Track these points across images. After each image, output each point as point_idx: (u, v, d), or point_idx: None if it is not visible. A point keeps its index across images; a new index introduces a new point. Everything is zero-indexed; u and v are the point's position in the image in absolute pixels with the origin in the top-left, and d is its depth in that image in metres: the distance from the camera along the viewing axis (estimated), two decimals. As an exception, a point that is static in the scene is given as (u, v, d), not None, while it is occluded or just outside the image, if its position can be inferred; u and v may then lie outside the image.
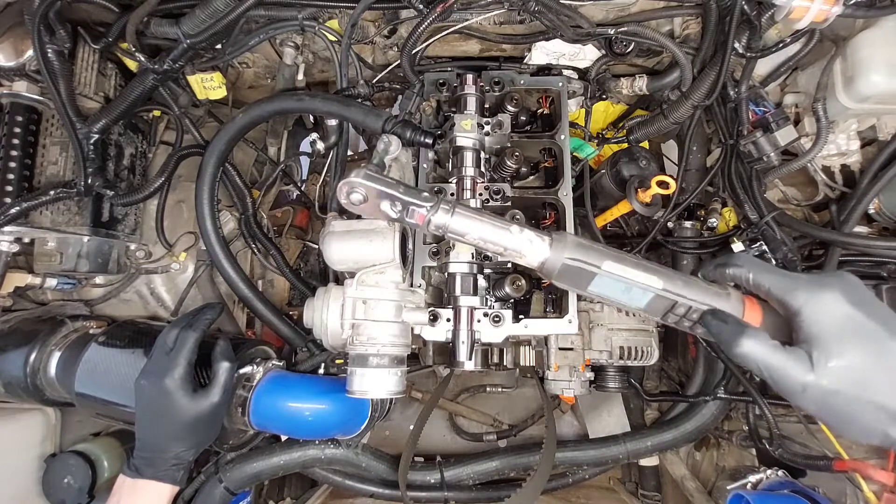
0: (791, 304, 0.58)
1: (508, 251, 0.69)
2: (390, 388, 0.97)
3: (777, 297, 0.61)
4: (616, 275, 0.65)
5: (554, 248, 0.66)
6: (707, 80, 1.15)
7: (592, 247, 0.67)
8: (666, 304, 0.65)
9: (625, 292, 0.66)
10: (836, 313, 0.56)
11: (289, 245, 1.56)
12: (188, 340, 0.94)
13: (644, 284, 0.65)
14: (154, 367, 0.93)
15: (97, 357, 1.09)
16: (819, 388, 0.54)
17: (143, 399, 0.93)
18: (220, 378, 0.95)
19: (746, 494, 1.19)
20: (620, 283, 0.65)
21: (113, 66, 1.25)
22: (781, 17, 0.98)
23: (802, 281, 0.59)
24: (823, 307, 0.56)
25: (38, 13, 1.01)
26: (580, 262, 0.65)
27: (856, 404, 0.54)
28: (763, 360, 0.57)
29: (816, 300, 0.57)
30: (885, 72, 1.01)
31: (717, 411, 1.36)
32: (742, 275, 0.64)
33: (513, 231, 0.68)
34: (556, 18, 1.11)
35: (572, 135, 1.25)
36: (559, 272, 0.66)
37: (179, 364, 0.91)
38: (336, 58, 1.19)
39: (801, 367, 0.55)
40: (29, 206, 1.09)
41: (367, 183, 0.74)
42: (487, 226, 0.70)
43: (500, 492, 1.41)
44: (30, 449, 1.25)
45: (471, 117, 1.08)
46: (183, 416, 0.91)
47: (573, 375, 1.20)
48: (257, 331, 1.50)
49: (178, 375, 0.91)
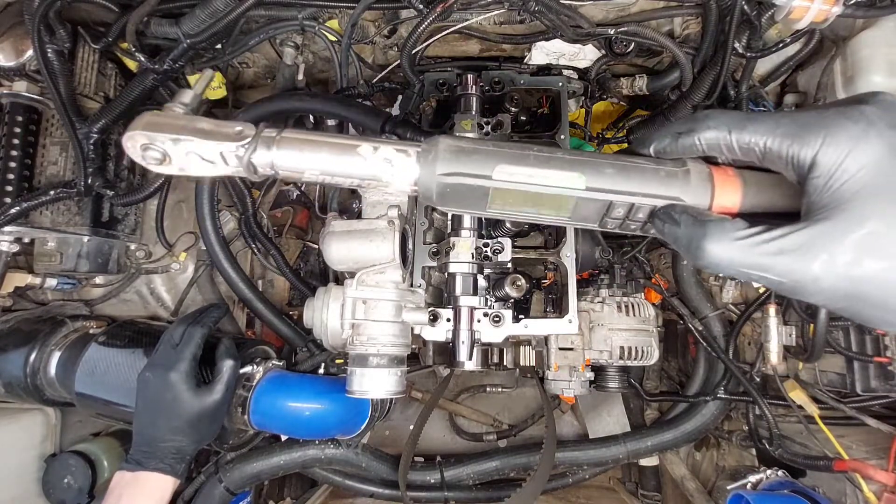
0: (800, 156, 0.39)
1: (367, 181, 0.51)
2: (390, 388, 0.97)
3: (778, 152, 0.41)
4: (517, 182, 0.47)
5: (423, 162, 0.49)
6: (707, 80, 1.15)
7: (477, 148, 0.49)
8: (597, 207, 0.48)
9: (536, 203, 0.49)
10: (875, 154, 0.36)
11: (289, 245, 1.57)
12: (195, 336, 0.95)
13: (559, 187, 0.47)
14: (160, 360, 0.94)
15: (97, 357, 1.09)
16: (846, 277, 0.37)
17: (147, 391, 0.93)
18: (223, 375, 0.96)
19: (746, 494, 1.19)
20: (527, 192, 0.48)
21: (113, 66, 1.25)
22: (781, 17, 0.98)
23: (815, 116, 0.40)
24: (856, 147, 0.37)
25: (38, 13, 1.01)
26: (462, 176, 0.47)
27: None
28: (743, 265, 0.40)
29: (842, 138, 0.37)
30: (885, 72, 1.01)
31: (717, 411, 1.36)
32: (720, 141, 0.44)
33: (362, 152, 0.50)
34: (556, 18, 1.11)
35: (572, 135, 1.24)
36: (438, 193, 0.49)
37: (185, 359, 0.92)
38: (336, 58, 1.19)
39: (806, 257, 0.38)
40: (29, 206, 1.09)
41: (149, 133, 0.53)
42: (327, 152, 0.51)
43: (500, 492, 1.41)
44: (30, 449, 1.25)
45: (471, 117, 1.08)
46: (186, 411, 0.91)
47: (573, 375, 1.20)
48: (257, 331, 1.50)
49: (184, 370, 0.92)
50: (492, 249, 1.02)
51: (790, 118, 0.41)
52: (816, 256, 0.37)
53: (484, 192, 0.48)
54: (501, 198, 0.48)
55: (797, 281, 0.39)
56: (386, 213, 1.03)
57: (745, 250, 0.40)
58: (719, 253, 0.40)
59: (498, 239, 1.04)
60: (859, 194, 0.36)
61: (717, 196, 0.45)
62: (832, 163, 0.37)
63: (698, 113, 0.47)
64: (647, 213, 0.48)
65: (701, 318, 1.37)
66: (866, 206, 0.36)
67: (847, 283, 0.37)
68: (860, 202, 0.36)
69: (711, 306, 1.37)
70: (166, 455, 0.91)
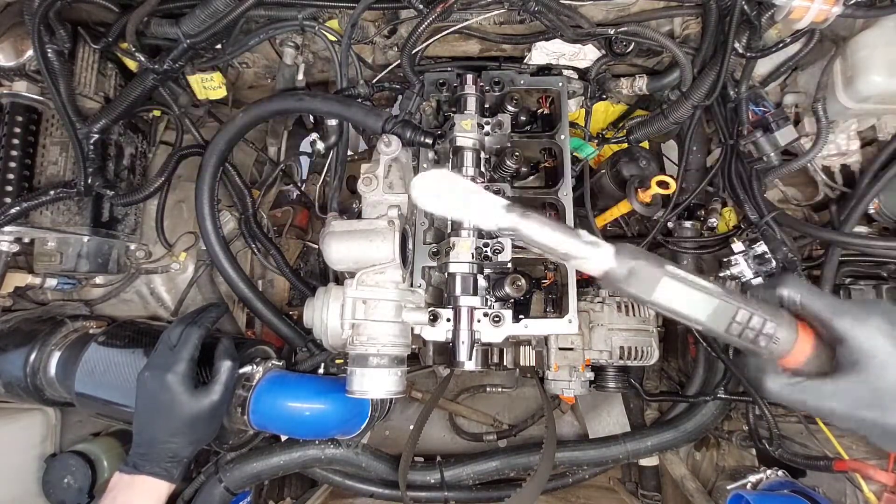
0: (837, 328, 0.59)
1: (572, 257, 0.66)
2: (390, 388, 0.97)
3: (825, 320, 0.61)
4: (680, 276, 0.63)
5: (618, 254, 0.64)
6: (707, 80, 1.15)
7: (649, 254, 0.65)
8: (729, 313, 0.62)
9: (688, 298, 0.63)
10: (881, 336, 0.57)
11: (289, 245, 1.56)
12: (192, 337, 0.94)
13: (707, 287, 0.62)
14: (157, 361, 0.93)
15: (97, 357, 1.09)
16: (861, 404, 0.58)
17: (145, 392, 0.93)
18: (221, 376, 0.95)
19: (746, 494, 1.19)
20: (685, 287, 0.62)
21: (113, 66, 1.25)
22: (781, 17, 0.98)
23: (849, 305, 0.61)
24: (871, 330, 0.58)
25: (38, 13, 1.01)
26: (645, 264, 0.63)
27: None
28: (789, 398, 0.61)
29: (863, 324, 0.58)
30: (885, 72, 1.01)
31: (717, 411, 1.36)
32: (792, 296, 0.63)
33: (581, 235, 0.65)
34: (556, 18, 1.11)
35: (572, 135, 1.24)
36: (626, 277, 0.64)
37: (182, 360, 0.92)
38: (336, 58, 1.19)
39: (829, 395, 0.59)
40: (29, 206, 1.09)
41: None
42: (556, 232, 0.66)
43: (500, 492, 1.41)
44: (30, 449, 1.25)
45: (471, 117, 1.08)
46: (183, 412, 0.91)
47: (573, 375, 1.20)
48: (257, 331, 1.50)
49: (181, 371, 0.91)
50: (492, 249, 1.02)
51: (839, 303, 0.61)
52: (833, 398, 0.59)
53: (656, 280, 0.63)
54: (666, 286, 0.63)
55: (821, 412, 0.60)
56: (386, 213, 1.03)
57: (787, 389, 0.61)
58: (771, 387, 0.62)
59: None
60: (878, 355, 0.57)
61: (799, 337, 0.62)
62: (858, 335, 0.58)
63: (783, 275, 0.72)
64: (759, 324, 0.62)
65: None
66: (878, 363, 0.57)
67: (854, 421, 0.58)
68: (877, 361, 0.57)
69: (711, 306, 1.36)
70: (162, 458, 0.91)
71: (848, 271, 1.17)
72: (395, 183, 1.06)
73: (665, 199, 1.27)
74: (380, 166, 1.06)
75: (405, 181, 1.08)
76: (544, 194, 1.14)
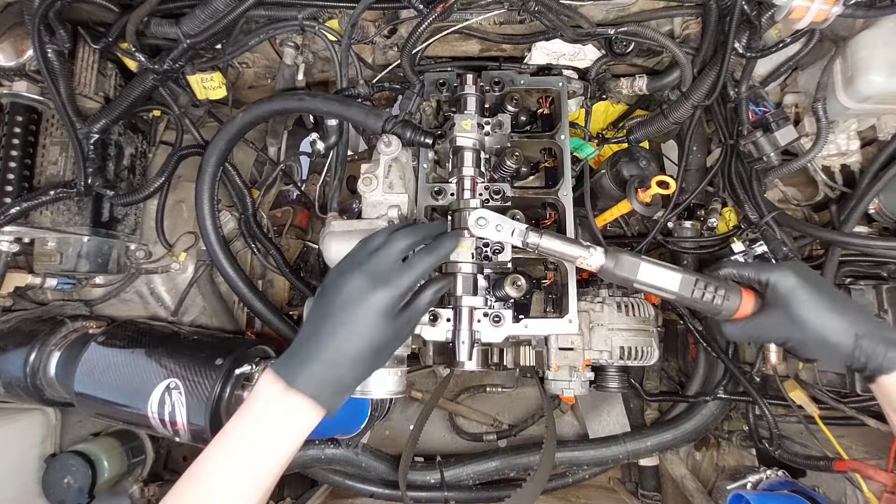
0: (762, 279, 0.85)
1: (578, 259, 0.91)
2: (390, 388, 0.97)
3: (753, 277, 0.87)
4: (653, 261, 0.88)
5: (608, 252, 0.89)
6: (707, 80, 1.15)
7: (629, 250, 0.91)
8: (692, 283, 0.86)
9: (661, 275, 0.87)
10: (791, 278, 0.83)
11: (289, 245, 1.56)
12: (424, 264, 0.79)
13: (673, 267, 0.88)
14: (372, 268, 0.77)
15: (97, 357, 1.09)
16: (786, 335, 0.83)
17: (341, 299, 0.76)
18: (420, 306, 0.80)
19: (746, 494, 1.19)
20: (658, 268, 0.87)
21: (113, 66, 1.25)
22: (781, 17, 0.98)
23: (768, 265, 0.89)
24: (784, 278, 0.83)
25: (38, 13, 1.01)
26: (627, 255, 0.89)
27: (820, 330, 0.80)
28: (743, 336, 0.90)
29: (778, 273, 0.84)
30: (885, 72, 1.01)
31: (717, 411, 1.36)
32: (730, 271, 0.90)
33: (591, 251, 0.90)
34: (556, 18, 1.11)
35: (572, 135, 1.24)
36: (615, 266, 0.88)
37: (404, 284, 0.77)
38: (336, 58, 1.19)
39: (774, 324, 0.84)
40: (29, 206, 1.09)
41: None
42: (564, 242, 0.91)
43: (500, 492, 1.41)
44: (30, 449, 1.25)
45: (471, 117, 1.08)
46: (380, 337, 0.75)
47: (573, 375, 1.20)
48: (257, 330, 1.50)
49: (398, 294, 0.76)
50: (492, 249, 1.02)
51: (761, 266, 0.87)
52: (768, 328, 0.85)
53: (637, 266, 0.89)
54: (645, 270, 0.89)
55: (763, 339, 1.00)
56: (386, 213, 1.03)
57: (739, 330, 0.88)
58: (729, 331, 0.88)
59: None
60: (791, 292, 0.82)
61: (744, 298, 0.86)
62: (776, 282, 0.84)
63: (721, 261, 0.94)
64: (714, 287, 0.87)
65: (701, 319, 1.37)
66: (796, 297, 0.82)
67: (783, 340, 0.84)
68: (793, 295, 0.82)
69: (711, 306, 1.37)
70: (326, 382, 0.73)
71: (848, 271, 1.17)
72: (395, 183, 1.06)
73: (665, 199, 1.27)
74: (380, 166, 1.06)
75: (405, 181, 1.08)
76: (544, 194, 1.14)
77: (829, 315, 0.80)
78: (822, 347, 0.81)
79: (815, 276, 0.85)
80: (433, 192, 1.09)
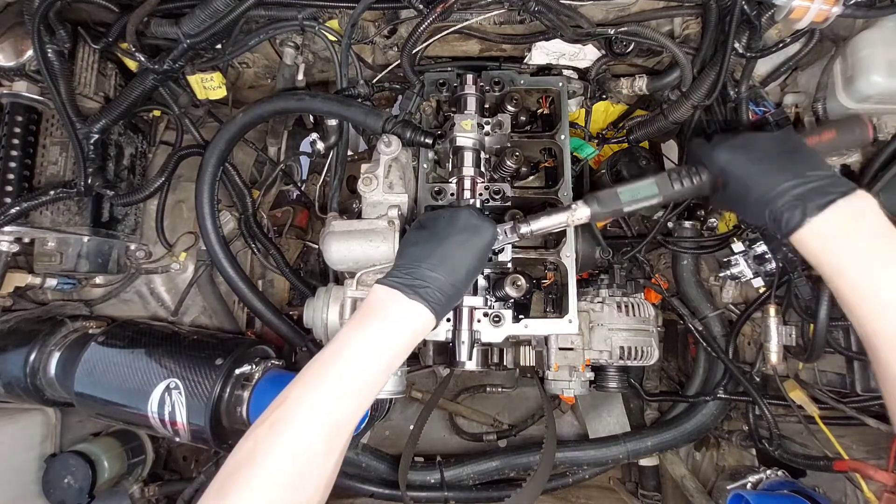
0: (712, 160, 0.93)
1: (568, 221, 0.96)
2: (390, 388, 0.97)
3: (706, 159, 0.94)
4: (626, 184, 0.95)
5: (585, 200, 0.95)
6: (707, 80, 1.15)
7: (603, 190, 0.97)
8: (667, 180, 0.93)
9: (641, 191, 0.94)
10: (725, 154, 0.91)
11: (289, 245, 1.56)
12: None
13: (644, 178, 0.95)
14: (475, 211, 0.95)
15: (97, 357, 1.09)
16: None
17: (460, 225, 0.89)
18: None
19: (746, 494, 1.19)
20: (635, 186, 0.94)
21: (113, 66, 1.25)
22: (781, 17, 0.98)
23: (708, 146, 0.95)
24: (725, 155, 0.91)
25: (38, 13, 1.01)
26: (603, 192, 0.95)
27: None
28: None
29: (717, 151, 0.92)
30: (885, 72, 1.01)
31: (717, 411, 1.36)
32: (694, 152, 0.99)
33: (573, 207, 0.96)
34: (556, 18, 1.11)
35: (572, 135, 1.24)
36: (601, 206, 0.94)
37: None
38: (336, 58, 1.19)
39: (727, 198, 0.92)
40: (29, 206, 1.09)
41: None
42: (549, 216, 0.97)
43: (500, 492, 1.41)
44: (30, 449, 1.25)
45: (471, 117, 1.08)
46: (480, 262, 0.90)
47: (573, 375, 1.20)
48: (257, 330, 1.50)
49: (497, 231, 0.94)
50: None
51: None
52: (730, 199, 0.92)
53: (617, 196, 0.95)
54: (626, 194, 0.95)
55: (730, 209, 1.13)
56: (386, 213, 1.03)
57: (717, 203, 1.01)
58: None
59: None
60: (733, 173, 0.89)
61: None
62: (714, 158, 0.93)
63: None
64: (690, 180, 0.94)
65: (701, 318, 1.37)
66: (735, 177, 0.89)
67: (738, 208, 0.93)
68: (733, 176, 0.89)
69: (711, 306, 1.37)
70: (433, 291, 0.82)
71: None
72: (395, 183, 1.06)
73: (665, 199, 1.27)
74: (380, 166, 1.06)
75: (405, 181, 1.08)
76: (544, 194, 1.14)
77: (756, 176, 0.85)
78: (746, 208, 0.86)
79: (751, 140, 0.90)
80: (433, 192, 1.09)
